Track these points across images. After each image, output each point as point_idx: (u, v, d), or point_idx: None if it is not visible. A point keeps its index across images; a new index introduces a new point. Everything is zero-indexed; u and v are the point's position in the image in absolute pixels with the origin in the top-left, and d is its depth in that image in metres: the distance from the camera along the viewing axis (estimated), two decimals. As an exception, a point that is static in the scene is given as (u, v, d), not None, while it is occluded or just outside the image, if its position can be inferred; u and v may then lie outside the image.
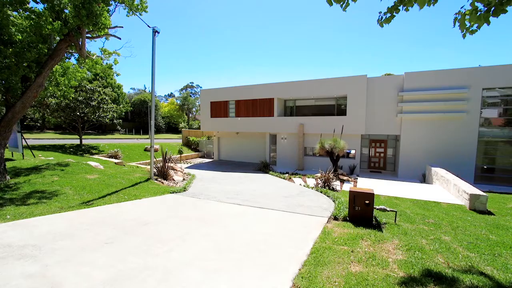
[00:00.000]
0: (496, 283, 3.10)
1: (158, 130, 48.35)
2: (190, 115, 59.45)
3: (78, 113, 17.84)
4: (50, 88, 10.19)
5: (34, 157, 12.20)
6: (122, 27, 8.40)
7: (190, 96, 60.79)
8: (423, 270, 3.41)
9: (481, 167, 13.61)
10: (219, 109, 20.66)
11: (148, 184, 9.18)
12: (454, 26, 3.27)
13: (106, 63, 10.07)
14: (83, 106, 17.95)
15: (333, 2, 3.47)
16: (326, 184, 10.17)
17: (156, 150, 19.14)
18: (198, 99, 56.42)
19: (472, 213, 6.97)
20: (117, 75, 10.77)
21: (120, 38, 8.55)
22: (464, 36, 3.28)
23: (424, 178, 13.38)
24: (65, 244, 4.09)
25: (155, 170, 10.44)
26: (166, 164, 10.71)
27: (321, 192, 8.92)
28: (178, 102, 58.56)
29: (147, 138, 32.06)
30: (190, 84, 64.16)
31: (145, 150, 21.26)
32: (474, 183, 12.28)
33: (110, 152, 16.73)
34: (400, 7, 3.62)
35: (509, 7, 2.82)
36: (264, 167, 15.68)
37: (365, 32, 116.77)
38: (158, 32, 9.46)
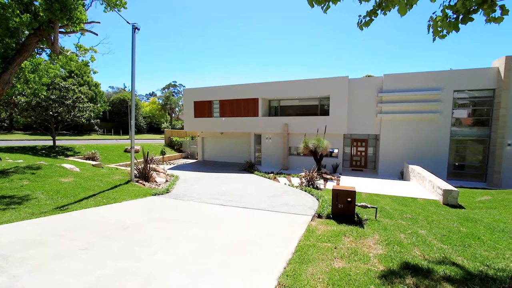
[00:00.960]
0: (466, 271, 3.32)
1: (139, 131, 46.72)
2: (173, 115, 58.01)
3: (51, 113, 16.78)
4: (19, 86, 9.49)
5: (1, 159, 11.30)
6: (99, 22, 8.01)
7: (173, 95, 59.30)
8: (401, 263, 3.56)
9: (453, 164, 14.53)
10: (203, 109, 20.35)
11: (128, 186, 8.83)
12: (428, 33, 3.44)
13: (82, 60, 9.56)
14: (57, 105, 16.92)
15: (314, 4, 3.53)
16: (310, 183, 10.36)
17: (137, 151, 18.51)
18: (181, 98, 55.16)
19: (445, 208, 7.43)
20: (94, 72, 10.25)
21: (97, 34, 8.15)
22: (434, 40, 3.47)
23: (402, 175, 14.05)
24: (37, 253, 3.81)
25: (136, 172, 10.07)
26: (148, 165, 10.36)
27: (305, 191, 9.06)
28: (160, 101, 56.94)
29: (127, 139, 30.85)
30: (173, 83, 62.61)
31: (125, 151, 20.46)
32: (447, 179, 13.09)
33: (87, 154, 15.91)
34: (379, 11, 3.75)
35: (475, 15, 3.03)
36: (249, 167, 15.67)
37: (348, 33, 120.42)
38: (138, 29, 9.12)
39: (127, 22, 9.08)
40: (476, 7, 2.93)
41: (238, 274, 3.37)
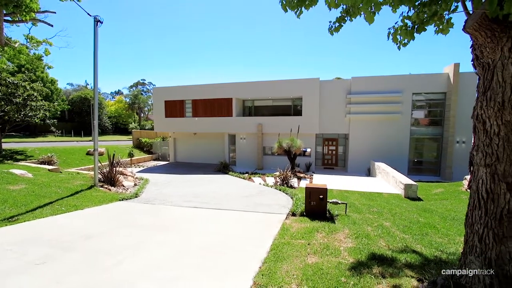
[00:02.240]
0: (424, 258, 3.63)
1: (104, 131, 43.52)
2: (142, 115, 55.01)
3: (-4, 112, 14.81)
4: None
5: None
6: (55, 12, 7.26)
7: (142, 94, 56.21)
8: (369, 254, 3.77)
9: (412, 160, 15.91)
10: (174, 108, 19.62)
11: (91, 192, 8.15)
12: (388, 39, 3.69)
13: (34, 53, 8.57)
14: (3, 103, 14.95)
15: (287, 9, 3.60)
16: (284, 182, 10.54)
17: (101, 154, 17.20)
18: (151, 97, 52.56)
19: (406, 201, 8.08)
20: (49, 67, 9.26)
21: (52, 25, 7.36)
22: (399, 48, 3.74)
23: (369, 172, 14.99)
24: (-23, 272, 3.32)
25: (100, 176, 9.33)
26: (114, 168, 9.66)
27: (280, 190, 9.20)
28: (127, 100, 53.52)
29: (90, 141, 28.54)
30: (142, 81, 59.34)
31: (88, 154, 18.89)
32: (408, 174, 14.26)
33: (41, 158, 14.32)
34: (346, 18, 3.93)
35: (428, 27, 3.35)
36: (223, 168, 15.48)
37: (320, 35, 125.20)
38: (101, 22, 8.47)
39: (88, 14, 8.39)
40: (428, 19, 3.25)
41: (213, 276, 3.29)
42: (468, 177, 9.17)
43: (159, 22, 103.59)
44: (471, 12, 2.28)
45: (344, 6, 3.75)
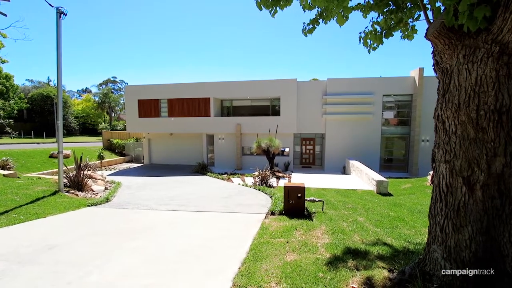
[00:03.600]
0: (394, 249, 3.86)
1: (70, 132, 40.42)
2: (113, 115, 51.99)
3: None
4: None
5: None
6: (9, 0, 6.58)
7: (113, 92, 53.09)
8: (344, 249, 3.93)
9: (383, 158, 16.92)
10: (149, 108, 18.81)
11: (55, 198, 7.50)
12: (359, 43, 3.88)
13: (-15, 45, 7.66)
14: None
15: (262, 7, 3.62)
16: (263, 181, 10.60)
17: (66, 156, 15.93)
18: (123, 96, 49.85)
19: (378, 196, 8.55)
20: (3, 62, 8.35)
21: (5, 15, 6.66)
22: (369, 51, 3.93)
23: (344, 170, 15.65)
24: None
25: (65, 181, 8.63)
26: (82, 171, 9.00)
27: (259, 189, 9.24)
28: (96, 98, 50.17)
29: (54, 142, 26.29)
30: (112, 79, 56.14)
31: (51, 156, 17.39)
32: (379, 171, 15.12)
33: (-5, 162, 12.87)
34: (320, 20, 4.05)
35: (395, 33, 3.58)
36: (201, 169, 15.17)
37: (295, 36, 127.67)
38: (65, 14, 7.85)
39: (50, 5, 7.73)
40: (395, 25, 3.47)
41: (191, 280, 3.19)
42: (431, 172, 9.95)
43: (131, 20, 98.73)
44: (432, 21, 2.47)
45: (319, 9, 3.87)
